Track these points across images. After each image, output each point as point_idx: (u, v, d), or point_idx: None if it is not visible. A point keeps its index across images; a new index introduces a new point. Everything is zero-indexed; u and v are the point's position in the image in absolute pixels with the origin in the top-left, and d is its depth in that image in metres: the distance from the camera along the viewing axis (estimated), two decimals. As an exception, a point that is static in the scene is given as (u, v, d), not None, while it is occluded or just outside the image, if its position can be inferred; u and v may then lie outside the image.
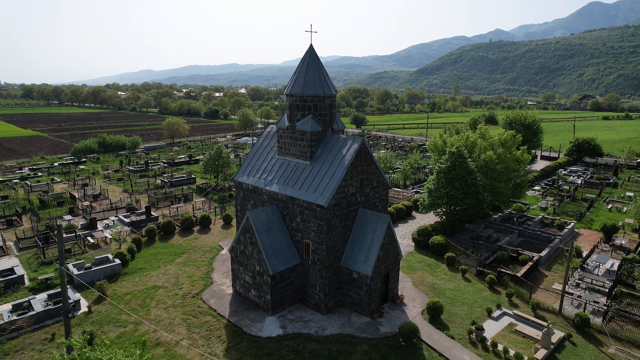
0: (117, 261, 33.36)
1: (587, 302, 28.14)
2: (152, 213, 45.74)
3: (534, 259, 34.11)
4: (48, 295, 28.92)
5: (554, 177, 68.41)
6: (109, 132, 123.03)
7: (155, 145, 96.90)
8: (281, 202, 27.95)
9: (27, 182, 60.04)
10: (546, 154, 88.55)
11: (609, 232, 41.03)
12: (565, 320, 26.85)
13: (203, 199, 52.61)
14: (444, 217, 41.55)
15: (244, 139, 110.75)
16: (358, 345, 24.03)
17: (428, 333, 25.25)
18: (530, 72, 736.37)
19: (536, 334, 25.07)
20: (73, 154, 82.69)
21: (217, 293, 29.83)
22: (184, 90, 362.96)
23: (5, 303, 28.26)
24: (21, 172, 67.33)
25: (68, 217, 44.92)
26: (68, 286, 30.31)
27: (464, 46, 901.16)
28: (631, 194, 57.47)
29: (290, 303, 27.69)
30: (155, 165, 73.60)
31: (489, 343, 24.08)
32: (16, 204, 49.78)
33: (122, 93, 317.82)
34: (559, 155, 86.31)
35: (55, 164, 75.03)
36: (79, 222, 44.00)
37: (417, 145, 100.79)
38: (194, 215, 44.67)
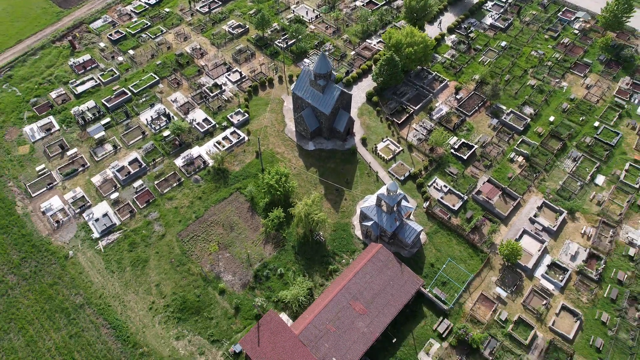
0: (247, 115, 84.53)
1: (418, 133, 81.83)
2: (242, 74, 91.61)
3: (411, 112, 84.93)
4: (230, 132, 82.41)
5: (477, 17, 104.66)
6: None
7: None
8: (312, 107, 77.12)
9: (147, 33, 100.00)
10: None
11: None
12: (407, 143, 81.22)
13: (262, 57, 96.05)
14: (381, 84, 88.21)
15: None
16: (337, 153, 79.84)
17: (360, 149, 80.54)
18: None
19: (394, 148, 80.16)
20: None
21: (290, 131, 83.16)
22: None
23: (215, 137, 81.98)
24: (135, 24, 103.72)
25: (202, 78, 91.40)
26: (233, 127, 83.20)
27: None
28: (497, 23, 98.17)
29: (316, 136, 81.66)
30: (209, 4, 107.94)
31: (377, 152, 79.61)
32: (163, 63, 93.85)
33: None
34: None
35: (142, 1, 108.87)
36: (209, 81, 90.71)
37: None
38: (264, 75, 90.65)
